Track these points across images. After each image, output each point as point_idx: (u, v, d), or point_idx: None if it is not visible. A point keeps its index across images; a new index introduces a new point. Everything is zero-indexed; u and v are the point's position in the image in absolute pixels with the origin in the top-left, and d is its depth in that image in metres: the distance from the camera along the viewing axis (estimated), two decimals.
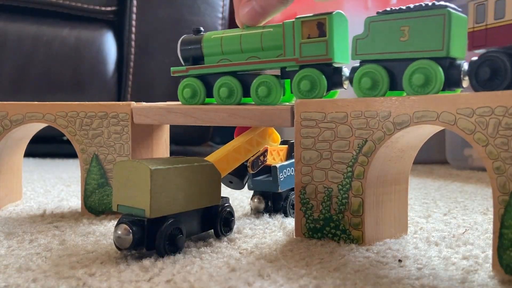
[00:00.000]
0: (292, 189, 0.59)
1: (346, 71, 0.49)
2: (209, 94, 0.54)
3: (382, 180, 0.46)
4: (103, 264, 0.40)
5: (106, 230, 0.51)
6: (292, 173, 0.58)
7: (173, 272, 0.38)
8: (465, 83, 0.43)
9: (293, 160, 0.57)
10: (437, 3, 0.42)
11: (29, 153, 0.83)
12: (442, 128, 0.42)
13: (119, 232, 0.41)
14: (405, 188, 0.50)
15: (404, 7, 0.43)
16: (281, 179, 0.57)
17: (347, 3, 1.21)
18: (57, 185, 0.84)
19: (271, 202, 0.59)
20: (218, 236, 0.48)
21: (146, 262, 0.40)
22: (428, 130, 0.45)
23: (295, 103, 0.48)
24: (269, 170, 0.57)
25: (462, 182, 0.94)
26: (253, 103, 0.52)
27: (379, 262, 0.40)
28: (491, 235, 0.40)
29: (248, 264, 0.40)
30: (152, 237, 0.41)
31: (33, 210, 0.61)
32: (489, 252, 0.43)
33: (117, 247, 0.41)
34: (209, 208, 0.47)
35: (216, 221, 0.47)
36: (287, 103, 0.53)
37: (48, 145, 1.37)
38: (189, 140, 1.54)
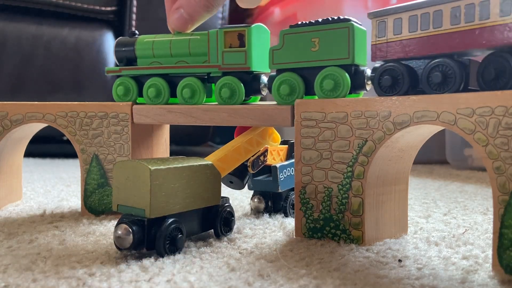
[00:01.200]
0: (292, 189, 0.59)
1: (264, 79, 0.53)
2: (141, 93, 0.58)
3: (382, 180, 0.46)
4: (103, 264, 0.40)
5: (106, 230, 0.51)
6: (292, 173, 0.58)
7: (173, 272, 0.38)
8: (368, 86, 0.48)
9: (293, 160, 0.57)
10: (342, 17, 0.47)
11: (29, 153, 0.83)
12: (442, 128, 0.42)
13: (119, 232, 0.41)
14: (405, 188, 0.50)
15: (313, 21, 0.48)
16: (281, 179, 0.57)
17: (347, 3, 1.21)
18: (57, 185, 0.84)
19: (271, 202, 0.59)
20: (218, 236, 0.48)
21: (146, 262, 0.40)
22: (428, 130, 0.45)
23: (295, 103, 0.48)
24: (269, 170, 0.57)
25: (462, 182, 0.94)
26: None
27: (379, 262, 0.40)
28: (491, 235, 0.40)
29: (248, 264, 0.40)
30: (152, 237, 0.41)
31: (33, 210, 0.61)
32: (489, 252, 0.43)
33: (117, 247, 0.41)
34: (209, 208, 0.47)
35: (216, 221, 0.47)
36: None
37: (48, 145, 1.37)
38: (189, 140, 1.54)
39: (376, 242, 0.46)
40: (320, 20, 0.47)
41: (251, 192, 0.61)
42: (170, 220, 0.42)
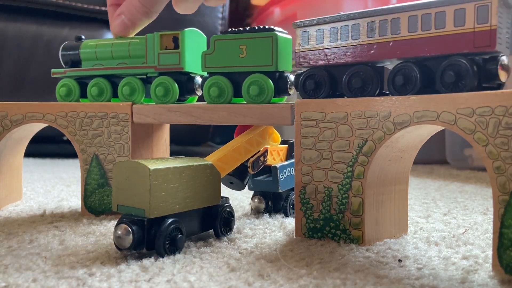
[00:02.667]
0: (292, 189, 0.59)
1: (198, 80, 0.56)
2: (83, 94, 0.61)
3: (382, 180, 0.46)
4: (103, 264, 0.40)
5: (106, 230, 0.51)
6: (292, 173, 0.58)
7: (173, 272, 0.38)
8: (291, 91, 0.52)
9: (293, 160, 0.57)
10: (267, 27, 0.50)
11: (29, 153, 0.82)
12: (442, 128, 0.42)
13: (119, 232, 0.41)
14: (405, 188, 0.50)
15: (242, 29, 0.51)
16: (281, 179, 0.57)
17: (347, 3, 1.21)
18: (57, 185, 0.84)
19: (271, 202, 0.59)
20: (218, 236, 0.48)
21: (146, 262, 0.40)
22: (428, 130, 0.45)
23: (296, 103, 0.48)
24: (269, 170, 0.57)
25: (462, 182, 0.94)
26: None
27: (379, 262, 0.40)
28: (491, 235, 0.40)
29: (248, 264, 0.40)
30: (152, 237, 0.41)
31: (33, 210, 0.61)
32: (489, 252, 0.43)
33: (117, 247, 0.41)
34: (209, 208, 0.47)
35: (216, 221, 0.47)
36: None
37: (48, 145, 1.37)
38: (189, 140, 1.54)
39: (376, 242, 0.46)
40: (248, 28, 0.51)
41: (251, 192, 0.61)
42: (170, 220, 0.42)
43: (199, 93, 0.56)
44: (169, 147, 0.65)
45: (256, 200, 0.59)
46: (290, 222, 0.54)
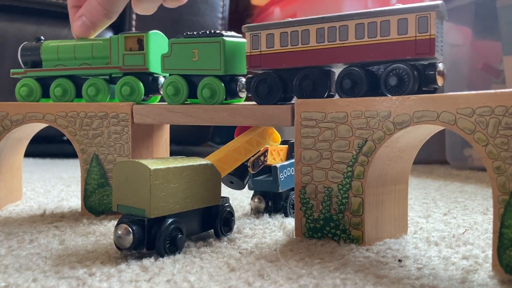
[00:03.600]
0: (292, 189, 0.59)
1: (162, 80, 0.59)
2: (45, 94, 0.61)
3: (382, 180, 0.46)
4: (103, 264, 0.40)
5: (106, 230, 0.51)
6: (292, 173, 0.58)
7: (173, 272, 0.38)
8: (242, 94, 0.54)
9: (293, 160, 0.57)
10: (217, 32, 0.52)
11: (29, 153, 0.82)
12: (442, 128, 0.42)
13: (119, 232, 0.41)
14: (405, 188, 0.50)
15: (195, 33, 0.53)
16: (281, 179, 0.57)
17: (347, 3, 1.21)
18: (57, 185, 0.84)
19: (271, 202, 0.59)
20: (218, 236, 0.48)
21: (146, 262, 0.40)
22: (428, 130, 0.45)
23: (296, 102, 0.48)
24: (270, 170, 0.57)
25: (462, 182, 0.94)
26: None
27: (379, 262, 0.40)
28: (491, 235, 0.40)
29: (248, 264, 0.40)
30: (152, 237, 0.41)
31: (33, 210, 0.61)
32: (489, 252, 0.43)
33: (117, 247, 0.41)
34: (209, 208, 0.47)
35: (216, 221, 0.47)
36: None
37: (48, 145, 1.37)
38: (189, 140, 1.54)
39: (376, 242, 0.46)
40: (200, 32, 0.53)
41: (251, 192, 0.61)
42: (170, 220, 0.42)
43: (162, 92, 0.58)
44: (169, 147, 0.65)
45: (256, 200, 0.59)
46: (290, 222, 0.54)
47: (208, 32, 0.53)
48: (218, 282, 0.36)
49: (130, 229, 0.40)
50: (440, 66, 0.44)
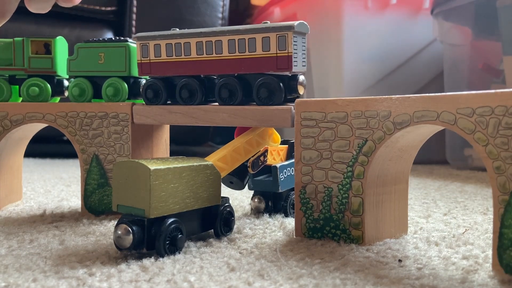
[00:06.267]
0: (292, 189, 0.58)
1: (66, 82, 0.63)
2: None
3: (382, 180, 0.46)
4: (103, 264, 0.40)
5: (106, 230, 0.51)
6: (292, 173, 0.58)
7: (173, 272, 0.38)
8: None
9: (293, 160, 0.57)
10: (122, 38, 0.58)
11: (29, 153, 0.82)
12: (442, 128, 0.42)
13: (119, 232, 0.41)
14: (405, 188, 0.50)
15: (101, 39, 0.59)
16: (281, 179, 0.57)
17: (347, 3, 1.21)
18: (57, 185, 0.84)
19: (271, 202, 0.59)
20: (218, 236, 0.48)
21: (146, 262, 0.40)
22: (428, 130, 0.45)
23: (296, 102, 0.48)
24: (269, 170, 0.57)
25: (462, 182, 0.94)
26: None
27: (379, 262, 0.40)
28: (491, 235, 0.40)
29: (248, 264, 0.40)
30: (152, 237, 0.41)
31: (33, 210, 0.61)
32: (489, 252, 0.43)
33: (117, 247, 0.41)
34: (209, 208, 0.47)
35: (216, 221, 0.47)
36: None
37: (48, 145, 1.37)
38: (189, 140, 1.54)
39: (376, 242, 0.46)
40: (106, 38, 0.59)
41: (251, 192, 0.61)
42: (170, 220, 0.42)
43: (66, 94, 0.63)
44: (169, 147, 0.65)
45: (256, 200, 0.59)
46: (290, 222, 0.54)
47: (113, 38, 0.59)
48: (218, 282, 0.36)
49: (130, 229, 0.40)
50: (301, 78, 0.50)
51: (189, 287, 0.35)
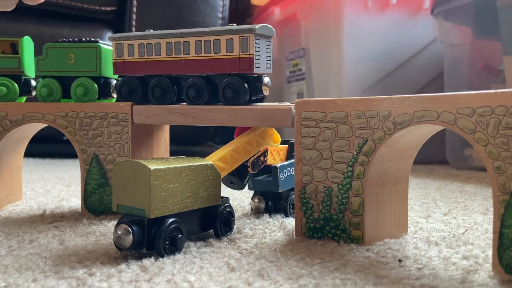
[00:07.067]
0: (293, 189, 0.58)
1: (33, 82, 0.64)
2: None
3: (382, 180, 0.46)
4: (103, 264, 0.40)
5: (106, 230, 0.51)
6: (292, 173, 0.58)
7: (173, 272, 0.38)
8: (114, 95, 0.61)
9: (293, 160, 0.57)
10: (93, 39, 0.59)
11: (29, 153, 0.82)
12: (442, 128, 0.42)
13: (119, 232, 0.41)
14: (405, 188, 0.50)
15: (71, 40, 0.60)
16: (282, 179, 0.57)
17: (347, 3, 1.21)
18: (57, 185, 0.84)
19: (272, 202, 0.59)
20: (218, 236, 0.48)
21: (146, 262, 0.40)
22: (428, 130, 0.45)
23: (296, 102, 0.48)
24: (270, 170, 0.57)
25: (462, 182, 0.94)
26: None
27: (379, 262, 0.40)
28: (491, 235, 0.40)
29: (248, 264, 0.40)
30: (152, 237, 0.41)
31: (33, 210, 0.61)
32: (489, 252, 0.43)
33: (117, 247, 0.41)
34: (209, 208, 0.47)
35: (216, 221, 0.47)
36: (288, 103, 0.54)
37: (48, 145, 1.37)
38: (189, 140, 1.54)
39: (376, 242, 0.46)
40: (76, 39, 0.60)
41: (251, 192, 0.61)
42: (170, 220, 0.42)
43: (33, 94, 0.63)
44: (169, 147, 0.65)
45: (256, 200, 0.59)
46: (290, 222, 0.54)
47: (84, 39, 0.59)
48: (218, 282, 0.36)
49: (130, 229, 0.40)
50: (265, 79, 0.52)
51: (189, 287, 0.35)
